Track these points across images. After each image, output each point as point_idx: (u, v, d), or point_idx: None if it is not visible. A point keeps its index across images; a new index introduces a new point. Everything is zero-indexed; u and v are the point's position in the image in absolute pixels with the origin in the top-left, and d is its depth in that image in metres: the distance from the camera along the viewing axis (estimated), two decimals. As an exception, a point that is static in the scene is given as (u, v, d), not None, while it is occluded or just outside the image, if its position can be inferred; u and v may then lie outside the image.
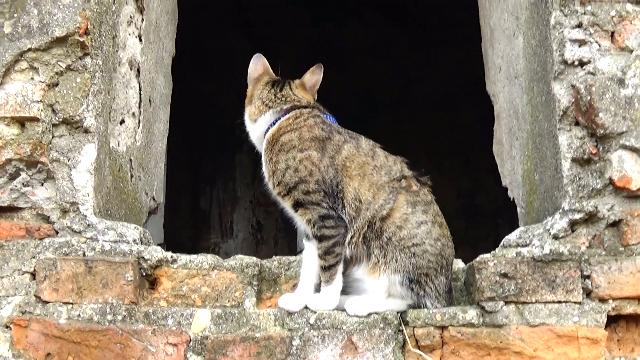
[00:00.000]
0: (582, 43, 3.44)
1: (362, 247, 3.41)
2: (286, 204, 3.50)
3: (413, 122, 10.38)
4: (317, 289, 3.41)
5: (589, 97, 3.34)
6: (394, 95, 10.66)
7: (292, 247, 3.42)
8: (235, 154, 9.68)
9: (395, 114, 10.61)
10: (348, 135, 3.59)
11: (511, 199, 4.27)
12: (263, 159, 3.59)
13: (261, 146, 3.64)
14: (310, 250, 3.48)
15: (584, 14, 3.46)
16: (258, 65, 3.85)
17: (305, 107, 3.64)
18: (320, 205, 3.38)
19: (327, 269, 3.36)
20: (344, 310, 3.33)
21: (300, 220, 3.48)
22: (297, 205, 3.43)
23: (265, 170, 3.56)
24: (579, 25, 3.46)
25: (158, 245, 3.66)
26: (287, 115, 3.60)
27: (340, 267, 3.38)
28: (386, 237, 3.36)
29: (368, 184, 3.44)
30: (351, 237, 3.41)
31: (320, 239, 3.38)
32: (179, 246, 3.65)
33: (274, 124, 3.60)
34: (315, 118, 3.58)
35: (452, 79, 9.85)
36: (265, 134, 3.61)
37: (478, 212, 10.29)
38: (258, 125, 3.69)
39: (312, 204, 3.38)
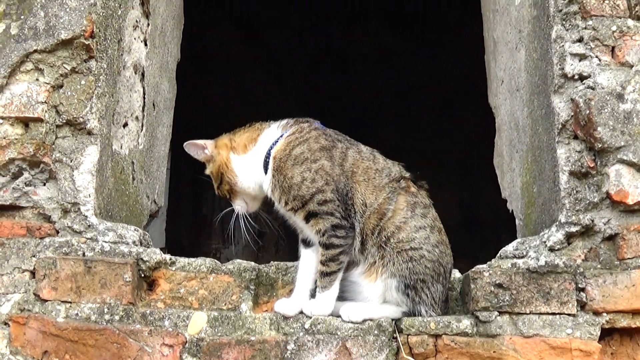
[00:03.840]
0: (582, 57, 3.46)
1: (363, 249, 3.42)
2: (298, 218, 3.48)
3: (415, 131, 10.37)
4: (313, 294, 3.43)
5: (588, 111, 3.36)
6: (397, 103, 10.65)
7: (292, 255, 3.45)
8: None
9: (397, 121, 10.60)
10: (347, 141, 3.62)
11: (510, 211, 4.29)
12: (269, 180, 3.51)
13: (256, 176, 3.58)
14: (308, 257, 3.50)
15: (585, 28, 3.48)
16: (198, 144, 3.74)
17: (302, 121, 3.65)
18: (334, 215, 3.37)
19: (328, 274, 3.37)
20: (338, 316, 3.35)
21: (310, 230, 3.46)
22: (309, 216, 3.42)
23: (275, 190, 3.48)
24: (580, 40, 3.48)
25: (160, 249, 3.68)
26: (291, 130, 3.56)
27: (340, 275, 3.40)
28: (384, 237, 3.37)
29: (372, 187, 3.45)
30: (356, 240, 3.43)
31: (327, 247, 3.37)
32: (180, 251, 3.68)
33: (276, 142, 3.54)
34: (316, 130, 3.58)
35: (455, 88, 9.82)
36: (268, 157, 3.53)
37: (479, 224, 10.27)
38: (255, 151, 3.60)
39: (326, 213, 3.38)
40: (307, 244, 3.54)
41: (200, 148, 3.67)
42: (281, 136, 3.55)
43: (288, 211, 3.49)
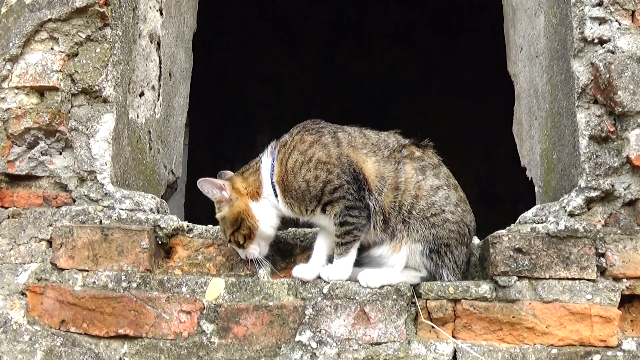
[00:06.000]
0: (602, 21, 3.42)
1: (386, 227, 3.40)
2: (317, 212, 3.44)
3: (433, 107, 10.34)
4: (330, 260, 3.43)
5: (608, 75, 3.33)
6: (415, 80, 10.62)
7: (312, 227, 3.47)
8: (256, 134, 9.70)
9: (415, 98, 10.58)
10: (333, 126, 3.59)
11: (529, 179, 4.27)
12: (285, 204, 3.48)
13: (275, 212, 3.53)
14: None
15: (605, -8, 3.45)
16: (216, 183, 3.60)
17: (287, 134, 3.59)
18: (346, 197, 3.34)
19: (344, 244, 3.35)
20: (357, 281, 3.34)
21: (328, 219, 3.42)
22: (325, 206, 3.40)
23: (294, 206, 3.46)
24: (600, 4, 3.44)
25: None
26: (277, 150, 3.52)
27: (356, 244, 3.38)
28: (406, 211, 3.36)
29: (376, 161, 3.42)
30: (376, 219, 3.40)
31: (342, 224, 3.35)
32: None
33: (272, 170, 3.50)
34: (299, 134, 3.54)
35: (473, 64, 9.80)
36: (274, 187, 3.51)
37: (498, 199, 10.23)
38: (265, 191, 3.53)
39: (339, 198, 3.35)
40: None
41: (217, 188, 3.53)
42: (273, 160, 3.51)
43: (310, 214, 3.46)
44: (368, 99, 10.54)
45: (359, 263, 3.46)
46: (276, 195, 3.49)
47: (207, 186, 3.53)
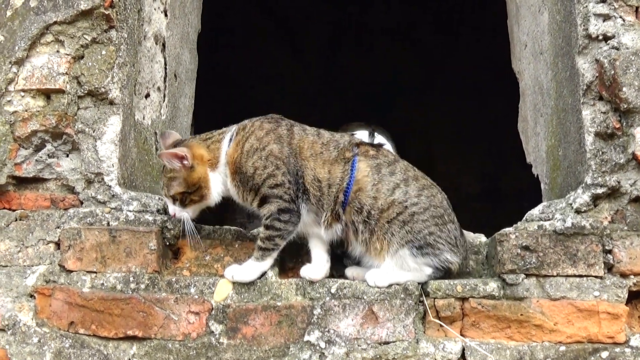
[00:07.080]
0: (606, 18, 3.42)
1: (349, 226, 3.43)
2: (254, 205, 3.49)
3: (436, 107, 10.33)
4: (331, 254, 3.49)
5: (612, 72, 3.33)
6: (418, 80, 10.62)
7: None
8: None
9: (418, 98, 10.57)
10: (291, 121, 3.63)
11: (535, 176, 4.27)
12: (230, 182, 3.53)
13: (223, 187, 3.56)
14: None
15: (609, -12, 3.45)
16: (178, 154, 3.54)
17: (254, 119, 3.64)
18: (282, 198, 3.38)
19: (263, 249, 3.39)
20: (364, 281, 3.35)
21: (260, 213, 3.46)
22: (262, 201, 3.43)
23: (239, 190, 3.51)
24: (604, 0, 3.44)
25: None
26: (236, 131, 3.57)
27: (275, 253, 3.42)
28: (366, 212, 3.37)
29: (321, 161, 3.44)
30: (325, 216, 3.43)
31: (268, 227, 3.38)
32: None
33: (227, 149, 3.53)
34: (258, 121, 3.58)
35: (475, 63, 9.79)
36: (225, 165, 3.54)
37: (502, 196, 10.22)
38: (220, 165, 3.55)
39: (276, 197, 3.38)
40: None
41: (178, 159, 3.46)
42: (230, 141, 3.54)
43: (245, 202, 3.52)
44: (370, 99, 10.53)
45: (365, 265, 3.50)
46: (226, 175, 3.52)
47: (168, 158, 3.46)
